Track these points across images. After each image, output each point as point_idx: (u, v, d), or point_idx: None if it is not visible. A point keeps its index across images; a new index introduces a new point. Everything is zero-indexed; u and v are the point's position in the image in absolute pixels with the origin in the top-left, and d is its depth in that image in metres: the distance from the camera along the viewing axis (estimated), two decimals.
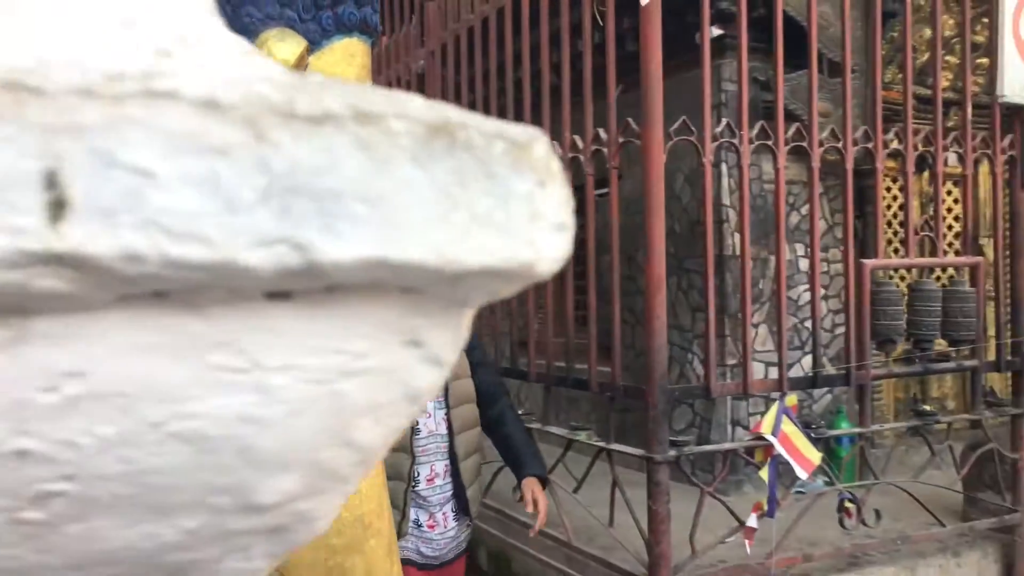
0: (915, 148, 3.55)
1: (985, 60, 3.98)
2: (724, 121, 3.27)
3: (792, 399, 3.28)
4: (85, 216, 0.23)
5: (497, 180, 0.27)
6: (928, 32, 4.03)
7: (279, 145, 0.25)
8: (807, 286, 4.12)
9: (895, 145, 3.53)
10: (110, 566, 0.29)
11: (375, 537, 1.15)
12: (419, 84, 4.80)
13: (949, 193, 5.20)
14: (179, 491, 0.28)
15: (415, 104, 0.27)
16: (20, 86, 0.22)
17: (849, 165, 3.39)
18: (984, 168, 4.08)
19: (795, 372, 4.07)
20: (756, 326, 4.70)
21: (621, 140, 3.22)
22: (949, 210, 5.33)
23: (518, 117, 3.91)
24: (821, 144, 3.35)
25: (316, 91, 0.26)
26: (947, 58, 4.57)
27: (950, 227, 5.32)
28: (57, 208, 0.22)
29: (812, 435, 3.23)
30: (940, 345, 3.69)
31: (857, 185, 3.62)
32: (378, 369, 0.29)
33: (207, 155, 0.24)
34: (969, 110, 3.64)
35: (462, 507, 2.65)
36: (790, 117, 3.57)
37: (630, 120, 3.14)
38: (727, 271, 4.73)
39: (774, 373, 3.57)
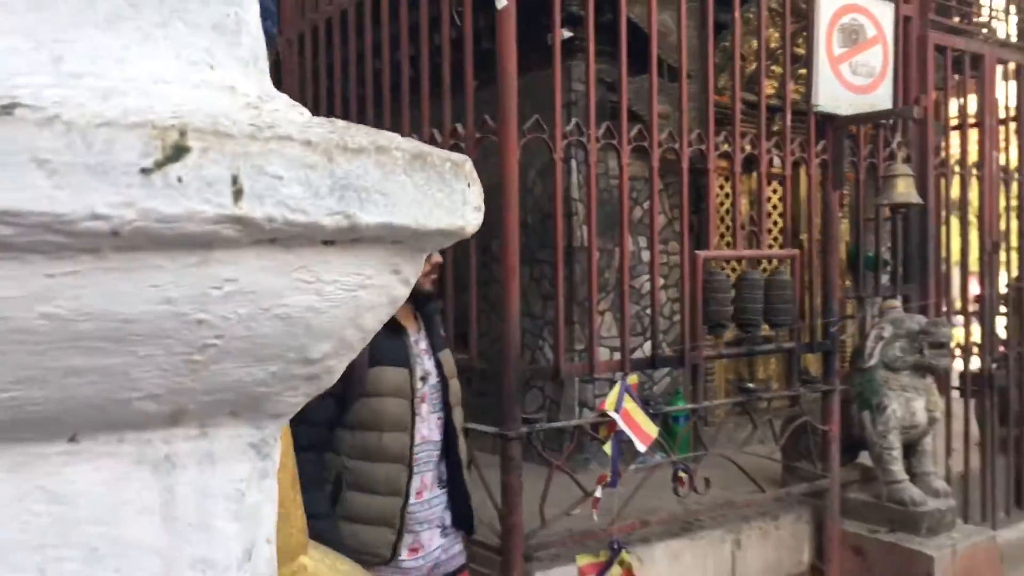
0: (742, 150, 4.03)
1: (804, 71, 4.53)
2: (573, 120, 3.61)
3: (633, 378, 3.67)
4: (250, 198, 0.47)
5: (446, 182, 0.53)
6: (755, 43, 4.54)
7: (339, 163, 0.50)
8: (648, 276, 4.55)
9: (725, 147, 4.00)
10: (223, 392, 0.53)
11: (282, 470, 1.38)
12: (275, 72, 4.91)
13: (775, 192, 5.82)
14: (271, 348, 0.52)
15: (403, 140, 0.53)
16: (222, 133, 0.46)
17: (685, 164, 3.82)
18: (804, 169, 4.64)
19: (637, 356, 4.50)
20: (602, 313, 5.12)
21: (478, 135, 3.50)
22: (775, 207, 5.96)
23: (377, 108, 4.14)
24: (660, 144, 3.76)
25: (353, 132, 0.51)
26: (773, 68, 5.14)
27: (776, 223, 5.95)
28: (237, 194, 0.47)
29: (651, 411, 3.63)
30: (764, 330, 4.20)
31: (693, 183, 4.07)
32: (377, 285, 0.54)
33: (306, 168, 0.49)
34: (789, 117, 4.16)
35: (458, 520, 2.51)
36: (633, 118, 3.96)
37: (487, 117, 3.43)
38: (575, 262, 5.12)
39: (618, 358, 3.96)
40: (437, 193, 0.53)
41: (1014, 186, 5.16)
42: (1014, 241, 5.27)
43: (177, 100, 0.49)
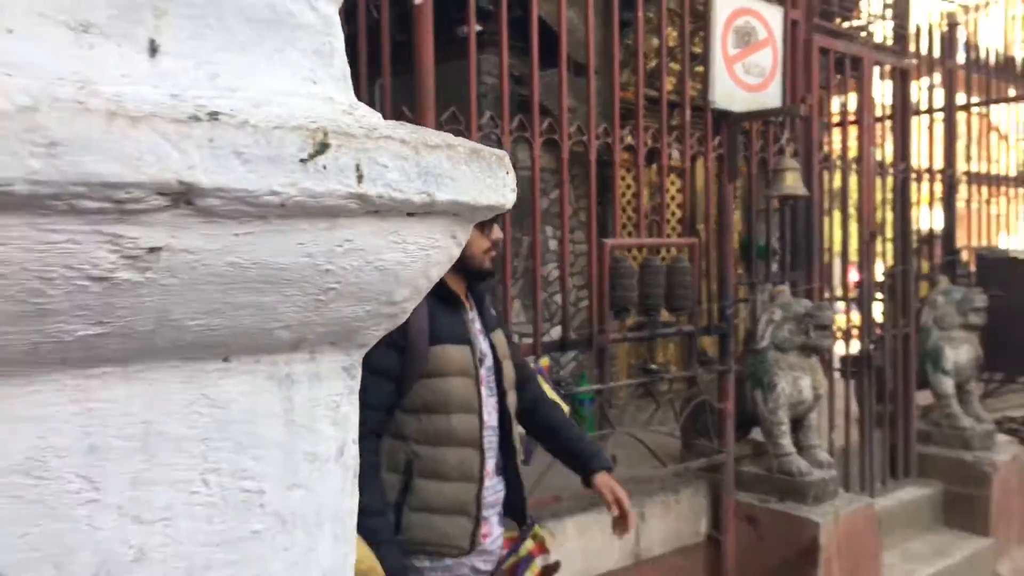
0: (645, 144, 4.34)
1: (700, 68, 4.88)
2: (488, 114, 3.83)
3: (545, 360, 3.93)
4: (367, 181, 0.67)
5: (492, 170, 0.74)
6: (656, 42, 4.85)
7: (423, 156, 0.70)
8: (557, 264, 4.81)
9: (629, 140, 4.30)
10: (333, 326, 0.72)
11: None
12: None
13: (674, 183, 6.19)
14: (370, 292, 0.71)
15: (463, 140, 0.73)
16: (348, 134, 0.66)
17: (592, 157, 4.09)
18: (702, 162, 5.00)
19: (545, 340, 4.76)
20: (512, 300, 5.37)
21: None
22: (673, 198, 6.34)
23: None
24: (570, 137, 4.02)
25: (428, 132, 0.71)
26: (672, 65, 5.48)
27: (675, 213, 6.32)
28: (359, 178, 0.66)
29: (562, 392, 3.89)
30: (664, 316, 4.53)
31: (599, 174, 4.34)
32: (442, 247, 0.74)
33: (402, 159, 0.69)
34: (688, 113, 4.49)
35: (511, 510, 2.45)
36: (542, 111, 4.20)
37: (405, 109, 3.60)
38: None
39: (528, 342, 4.21)
40: (487, 179, 0.74)
41: (889, 180, 5.67)
42: (889, 231, 5.78)
43: (302, 108, 0.68)
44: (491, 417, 2.34)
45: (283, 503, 0.72)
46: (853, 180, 5.43)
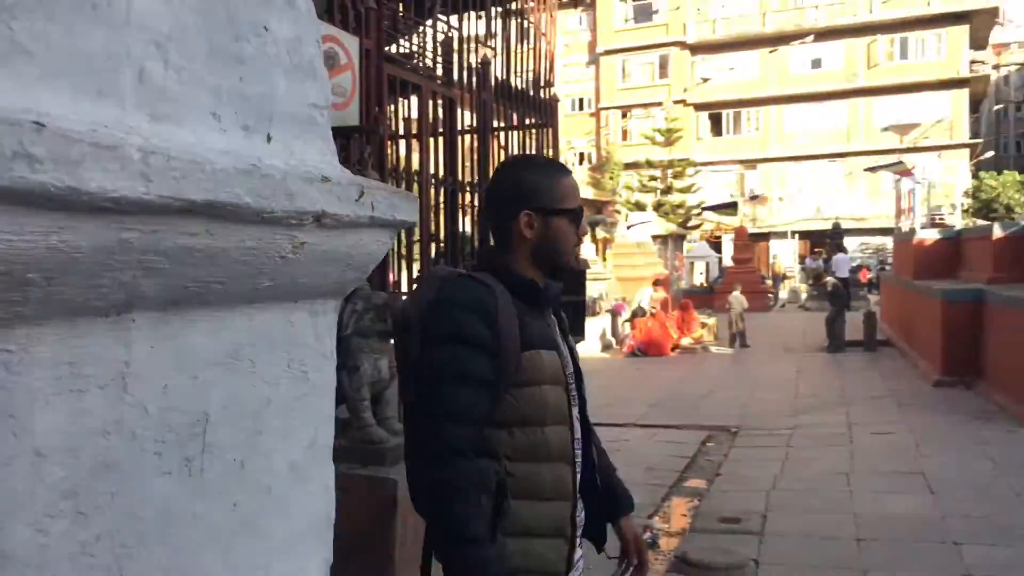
0: None
1: None
2: None
3: None
4: (375, 209, 1.38)
5: (412, 204, 1.50)
6: None
7: (391, 197, 1.43)
8: None
9: None
10: (340, 284, 1.40)
11: None
12: None
13: None
14: (361, 265, 1.41)
15: (401, 189, 1.47)
16: (367, 186, 1.36)
17: None
18: None
19: None
20: None
21: None
22: None
23: None
24: None
25: (389, 186, 1.45)
26: None
27: None
28: (372, 208, 1.38)
29: None
30: None
31: None
32: (389, 242, 1.47)
33: (385, 199, 1.41)
34: None
35: (590, 530, 2.29)
36: None
37: None
38: None
39: None
40: (410, 207, 1.49)
41: (442, 191, 6.93)
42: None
43: (336, 170, 1.37)
44: (576, 429, 2.22)
45: (315, 378, 1.40)
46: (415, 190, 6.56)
